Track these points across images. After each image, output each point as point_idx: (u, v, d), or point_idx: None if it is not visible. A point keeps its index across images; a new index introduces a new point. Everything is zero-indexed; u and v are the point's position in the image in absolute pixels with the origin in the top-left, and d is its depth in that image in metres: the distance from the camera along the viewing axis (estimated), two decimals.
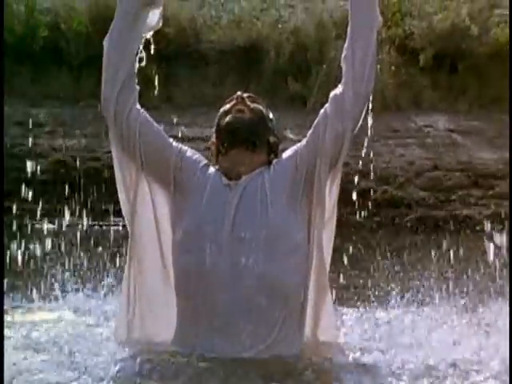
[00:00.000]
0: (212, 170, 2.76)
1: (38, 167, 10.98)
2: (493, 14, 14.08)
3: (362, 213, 10.25)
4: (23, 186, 10.92)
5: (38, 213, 11.02)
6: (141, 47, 2.92)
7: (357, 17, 2.80)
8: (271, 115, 2.90)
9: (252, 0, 14.93)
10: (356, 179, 5.18)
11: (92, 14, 13.39)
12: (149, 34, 2.94)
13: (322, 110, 2.79)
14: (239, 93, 2.86)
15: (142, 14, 2.88)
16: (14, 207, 10.14)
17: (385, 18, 14.52)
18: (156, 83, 14.07)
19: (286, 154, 2.83)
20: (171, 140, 2.86)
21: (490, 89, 13.06)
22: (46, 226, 10.76)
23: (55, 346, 2.95)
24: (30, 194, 10.62)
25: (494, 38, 13.42)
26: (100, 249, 6.02)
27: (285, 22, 13.97)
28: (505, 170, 10.78)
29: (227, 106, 2.85)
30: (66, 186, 11.09)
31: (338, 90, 2.79)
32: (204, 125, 13.10)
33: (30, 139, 11.46)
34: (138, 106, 2.86)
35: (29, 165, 11.14)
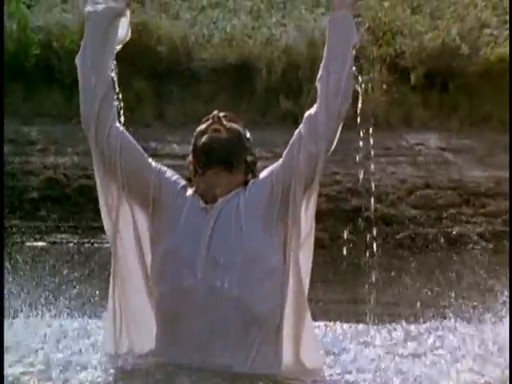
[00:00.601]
0: (189, 192, 2.75)
1: (30, 185, 10.98)
2: (483, 33, 14.18)
3: (354, 230, 10.26)
4: (14, 204, 10.91)
5: (30, 230, 11.01)
6: (114, 62, 2.89)
7: (333, 37, 2.78)
8: (248, 134, 2.88)
9: (244, 18, 15.00)
10: (348, 197, 5.16)
11: (83, 33, 13.42)
12: (119, 47, 2.90)
13: (297, 130, 2.77)
14: (215, 112, 2.85)
15: (113, 26, 2.85)
16: (6, 225, 10.13)
17: (376, 37, 14.70)
18: (148, 101, 14.13)
19: (262, 175, 2.81)
20: (151, 160, 2.85)
21: (481, 107, 13.12)
22: (38, 243, 10.74)
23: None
24: (22, 211, 10.61)
25: (484, 57, 13.51)
26: (90, 266, 6.00)
27: (276, 40, 14.03)
28: (496, 189, 10.82)
29: (203, 126, 2.83)
30: (58, 204, 11.09)
31: (313, 110, 2.78)
32: None
33: (22, 157, 11.48)
34: (118, 124, 2.85)
35: (20, 183, 11.14)
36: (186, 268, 2.66)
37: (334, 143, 2.80)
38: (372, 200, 10.54)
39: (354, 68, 2.76)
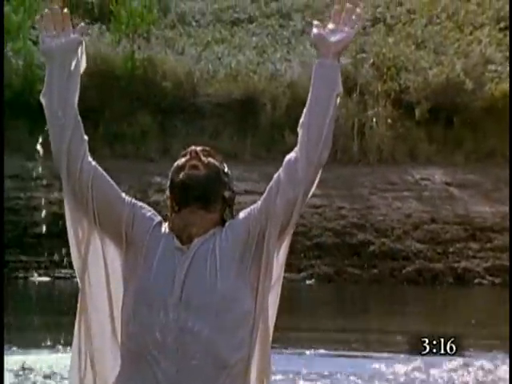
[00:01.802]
0: (164, 230, 2.72)
1: (34, 220, 10.97)
2: (487, 69, 14.25)
3: (360, 265, 10.22)
4: (19, 239, 10.89)
5: (34, 265, 10.97)
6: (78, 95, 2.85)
7: (318, 84, 2.76)
8: (226, 168, 2.85)
9: (248, 54, 15.10)
10: (354, 231, 5.14)
11: (89, 69, 13.47)
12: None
13: (276, 174, 2.74)
14: (193, 147, 2.82)
15: (75, 59, 2.81)
16: (10, 259, 10.11)
17: (380, 73, 14.79)
18: (153, 136, 14.18)
19: (239, 216, 2.78)
20: (124, 195, 2.81)
21: (486, 142, 13.13)
22: (42, 278, 10.70)
23: None
24: (26, 246, 10.59)
25: (489, 92, 13.56)
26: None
27: (281, 75, 14.10)
28: (502, 223, 10.78)
29: (182, 161, 2.78)
30: (62, 239, 11.06)
31: (293, 155, 2.74)
32: None
33: (27, 192, 11.50)
34: (90, 159, 2.81)
35: (24, 218, 11.14)
36: (158, 308, 2.61)
37: (313, 189, 2.79)
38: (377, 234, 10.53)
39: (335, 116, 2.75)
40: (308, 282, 9.93)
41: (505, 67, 13.89)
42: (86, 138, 2.78)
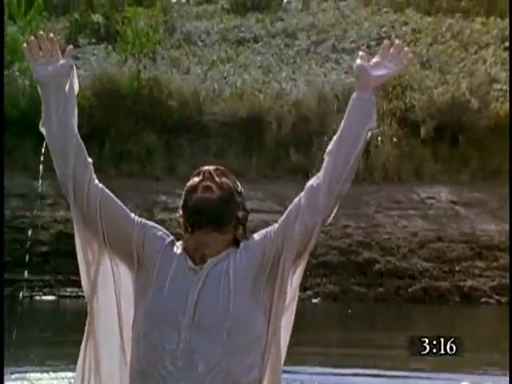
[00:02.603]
0: (177, 250, 2.70)
1: (40, 239, 10.98)
2: (492, 88, 14.26)
3: (366, 283, 10.18)
4: (24, 258, 10.89)
5: (40, 284, 10.97)
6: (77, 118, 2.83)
7: (352, 116, 2.75)
8: (240, 188, 2.84)
9: (254, 73, 15.15)
10: (359, 250, 5.13)
11: (96, 88, 13.58)
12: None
13: (297, 199, 2.72)
14: (206, 167, 2.80)
15: (70, 83, 2.80)
16: (15, 278, 10.10)
17: (386, 91, 14.78)
18: (158, 154, 14.21)
19: (255, 238, 2.75)
20: (133, 215, 2.79)
21: (491, 161, 13.13)
22: (47, 297, 10.69)
23: None
24: (32, 265, 10.59)
25: (494, 111, 13.56)
26: None
27: (287, 94, 14.14)
28: (508, 242, 10.74)
29: (195, 181, 2.75)
30: (68, 258, 11.06)
31: (315, 181, 2.71)
32: None
33: (33, 211, 11.52)
34: (96, 181, 2.79)
35: (30, 237, 11.14)
36: (170, 328, 2.59)
37: (331, 217, 2.78)
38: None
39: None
40: (314, 300, 9.91)
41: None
42: (90, 160, 2.76)
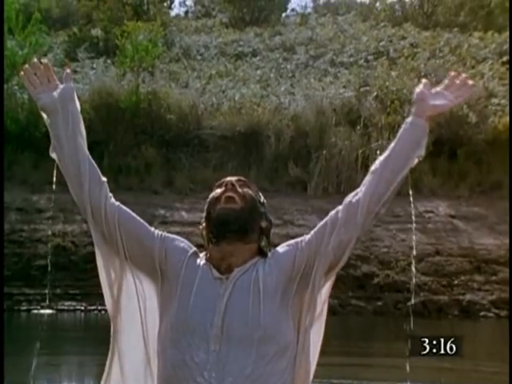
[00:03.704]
0: (201, 260, 2.69)
1: (38, 252, 10.96)
2: (490, 102, 14.30)
3: (365, 297, 10.16)
4: (22, 271, 10.87)
5: (38, 298, 10.94)
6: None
7: (404, 140, 2.73)
8: (262, 198, 2.83)
9: (252, 87, 15.18)
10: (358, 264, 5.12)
11: (94, 102, 13.60)
12: None
13: (334, 212, 2.69)
14: (229, 178, 2.79)
15: (75, 105, 2.81)
16: (14, 292, 10.07)
17: (384, 105, 14.76)
18: (157, 168, 14.21)
19: (283, 248, 2.72)
20: (153, 229, 2.78)
21: (490, 175, 13.14)
22: (45, 310, 10.66)
23: None
24: (30, 278, 10.56)
25: (492, 125, 13.59)
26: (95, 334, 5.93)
27: (285, 108, 14.16)
28: (507, 256, 10.73)
29: (218, 192, 2.74)
30: (65, 271, 11.05)
31: (354, 198, 2.69)
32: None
33: (31, 225, 11.51)
34: (112, 200, 2.79)
35: (28, 250, 11.12)
36: (199, 341, 2.55)
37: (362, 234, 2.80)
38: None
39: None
40: None
41: (507, 100, 13.94)
42: (104, 179, 2.77)
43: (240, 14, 22.36)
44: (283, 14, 23.97)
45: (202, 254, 2.71)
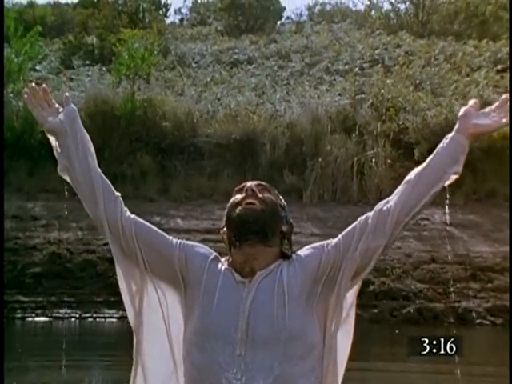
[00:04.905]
0: (222, 265, 2.68)
1: (33, 260, 10.93)
2: None
3: (360, 305, 10.12)
4: (17, 279, 10.84)
5: (33, 305, 10.90)
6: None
7: (444, 153, 2.72)
8: (283, 202, 2.83)
9: (248, 94, 15.19)
10: None
11: (90, 110, 13.60)
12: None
13: (363, 217, 2.69)
14: (249, 183, 2.78)
15: (79, 125, 2.83)
16: (8, 300, 10.04)
17: (379, 113, 14.78)
18: (152, 176, 14.21)
19: (308, 251, 2.71)
20: (171, 238, 2.79)
21: (485, 183, 13.16)
22: (39, 318, 10.63)
23: None
24: (24, 286, 10.54)
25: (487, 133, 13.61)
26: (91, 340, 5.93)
27: (280, 115, 14.17)
28: (503, 264, 10.74)
29: (238, 198, 2.74)
30: (60, 279, 11.02)
31: (386, 206, 2.68)
32: (200, 217, 13.11)
33: (26, 232, 11.49)
34: (128, 214, 2.80)
35: (23, 258, 11.10)
36: (223, 345, 2.55)
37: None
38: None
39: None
40: None
41: None
42: (117, 194, 2.79)
43: (235, 22, 22.40)
44: (278, 22, 24.01)
45: (223, 259, 2.71)
